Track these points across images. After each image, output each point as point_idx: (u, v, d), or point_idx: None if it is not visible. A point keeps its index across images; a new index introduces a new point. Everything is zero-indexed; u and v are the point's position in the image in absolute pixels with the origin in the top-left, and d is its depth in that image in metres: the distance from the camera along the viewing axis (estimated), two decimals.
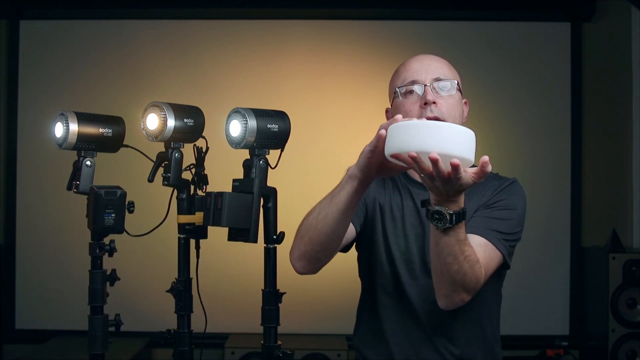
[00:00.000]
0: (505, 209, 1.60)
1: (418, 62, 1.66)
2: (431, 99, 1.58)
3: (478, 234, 1.53)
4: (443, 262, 1.40)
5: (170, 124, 1.50)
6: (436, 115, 1.57)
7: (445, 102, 1.60)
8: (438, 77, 1.62)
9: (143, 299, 3.50)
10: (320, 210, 1.51)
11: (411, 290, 1.64)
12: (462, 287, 1.43)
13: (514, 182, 1.68)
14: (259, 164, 1.45)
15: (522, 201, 1.64)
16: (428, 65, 1.64)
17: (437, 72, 1.63)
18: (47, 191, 3.66)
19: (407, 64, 1.67)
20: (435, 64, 1.65)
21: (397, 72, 1.69)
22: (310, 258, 1.55)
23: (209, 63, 3.72)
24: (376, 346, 1.71)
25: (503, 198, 1.62)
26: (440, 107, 1.59)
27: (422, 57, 1.68)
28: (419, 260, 1.64)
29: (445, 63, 1.67)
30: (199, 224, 1.55)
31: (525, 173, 3.51)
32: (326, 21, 3.75)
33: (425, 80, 1.61)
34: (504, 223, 1.57)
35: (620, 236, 3.41)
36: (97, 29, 3.75)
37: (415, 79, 1.62)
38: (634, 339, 3.26)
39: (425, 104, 1.58)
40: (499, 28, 3.77)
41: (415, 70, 1.64)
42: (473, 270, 1.42)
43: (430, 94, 1.59)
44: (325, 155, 3.66)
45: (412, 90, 1.62)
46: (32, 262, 3.68)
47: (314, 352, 3.35)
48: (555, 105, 3.73)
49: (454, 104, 1.62)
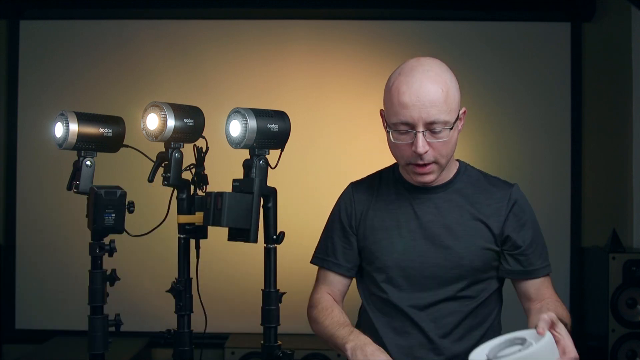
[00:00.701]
0: (534, 232, 1.67)
1: (412, 98, 1.51)
2: (422, 151, 1.53)
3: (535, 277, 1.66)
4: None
5: (170, 124, 1.50)
6: (426, 163, 1.56)
7: (439, 144, 1.54)
8: (432, 122, 1.51)
9: (143, 299, 3.50)
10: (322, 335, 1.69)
11: (409, 297, 1.64)
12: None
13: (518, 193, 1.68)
14: (259, 164, 1.45)
15: (532, 210, 1.69)
16: (422, 105, 1.50)
17: (432, 114, 1.50)
18: (47, 191, 3.65)
19: (401, 95, 1.52)
20: (430, 102, 1.50)
21: (389, 96, 1.57)
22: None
23: (209, 63, 3.72)
24: None
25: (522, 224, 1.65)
26: (431, 151, 1.55)
27: (416, 90, 1.51)
28: (418, 268, 1.63)
29: (441, 92, 1.51)
30: (199, 224, 1.55)
31: (525, 173, 3.52)
32: (326, 21, 3.75)
33: (417, 126, 1.51)
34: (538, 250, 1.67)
35: (620, 236, 3.40)
36: (97, 29, 3.74)
37: (408, 121, 1.52)
38: (634, 339, 3.25)
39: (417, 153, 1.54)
40: (499, 28, 3.76)
41: (409, 110, 1.51)
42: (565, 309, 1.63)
43: (422, 146, 1.52)
44: (325, 155, 3.66)
45: (405, 132, 1.54)
46: (32, 262, 3.68)
47: (314, 352, 3.35)
48: (555, 105, 3.73)
49: (447, 143, 1.56)
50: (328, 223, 1.77)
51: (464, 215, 1.63)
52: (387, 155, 1.75)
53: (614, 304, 3.26)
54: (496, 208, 1.64)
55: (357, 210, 1.71)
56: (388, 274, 1.65)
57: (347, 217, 1.72)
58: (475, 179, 1.70)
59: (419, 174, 1.59)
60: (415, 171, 1.59)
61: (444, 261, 1.62)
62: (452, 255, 1.61)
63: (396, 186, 1.70)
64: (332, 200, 1.78)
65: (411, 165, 1.58)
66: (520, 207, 1.65)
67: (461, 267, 1.62)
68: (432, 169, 1.58)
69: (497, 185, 1.68)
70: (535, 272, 1.66)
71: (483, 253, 1.63)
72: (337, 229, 1.73)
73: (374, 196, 1.71)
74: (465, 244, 1.61)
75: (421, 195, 1.66)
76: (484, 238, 1.63)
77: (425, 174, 1.59)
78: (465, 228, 1.62)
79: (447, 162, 1.61)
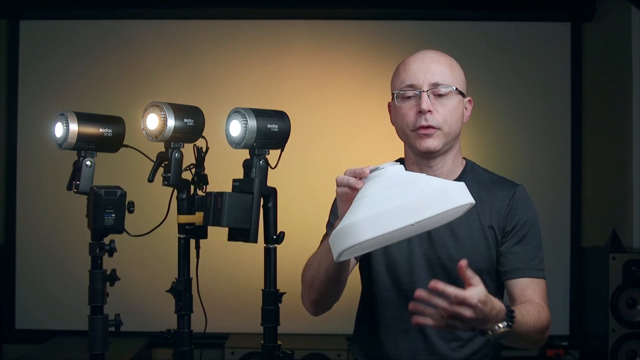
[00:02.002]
0: (529, 231, 1.63)
1: (417, 63, 1.61)
2: (426, 108, 1.56)
3: (524, 277, 1.60)
4: (521, 342, 1.51)
5: (170, 124, 1.50)
6: (430, 124, 1.57)
7: (442, 109, 1.58)
8: (436, 82, 1.58)
9: (143, 299, 3.50)
10: (320, 263, 1.54)
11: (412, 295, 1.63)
12: (542, 334, 1.55)
13: (522, 193, 1.67)
14: (259, 164, 1.45)
15: (535, 213, 1.67)
16: (428, 67, 1.59)
17: (436, 76, 1.58)
18: (47, 191, 3.65)
19: (407, 64, 1.63)
20: (435, 66, 1.60)
21: (397, 71, 1.66)
22: (324, 303, 1.64)
23: (209, 63, 3.72)
24: (372, 352, 1.70)
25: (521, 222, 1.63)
26: (436, 115, 1.57)
27: (422, 57, 1.62)
28: (424, 264, 1.63)
29: (446, 63, 1.62)
30: (199, 224, 1.55)
31: (525, 173, 3.52)
32: (326, 21, 3.75)
33: (422, 86, 1.58)
34: (533, 250, 1.63)
35: (620, 236, 3.40)
36: (97, 29, 3.74)
37: (413, 82, 1.58)
38: (634, 339, 3.25)
39: (420, 112, 1.57)
40: (499, 28, 3.76)
41: (414, 73, 1.59)
42: (541, 320, 1.52)
43: (425, 103, 1.56)
44: (325, 155, 3.66)
45: (409, 96, 1.59)
46: (32, 262, 3.68)
47: (314, 352, 3.35)
48: (555, 106, 3.73)
49: (451, 110, 1.59)
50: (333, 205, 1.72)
51: (469, 215, 1.62)
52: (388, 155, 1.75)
53: (614, 304, 3.25)
54: (498, 207, 1.63)
55: None
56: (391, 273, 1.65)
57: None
58: (481, 177, 1.69)
59: (422, 138, 1.58)
60: (420, 134, 1.59)
61: (445, 261, 1.62)
62: (452, 256, 1.61)
63: None
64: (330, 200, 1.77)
65: (415, 131, 1.59)
66: (521, 207, 1.64)
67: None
68: (435, 133, 1.58)
69: (502, 185, 1.68)
70: (522, 272, 1.60)
71: (484, 255, 1.62)
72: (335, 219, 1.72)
73: None
74: (466, 245, 1.61)
75: None
76: (486, 239, 1.62)
77: (429, 137, 1.58)
78: (469, 229, 1.62)
79: (452, 136, 1.61)
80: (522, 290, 1.59)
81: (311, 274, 1.58)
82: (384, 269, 1.66)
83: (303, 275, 1.63)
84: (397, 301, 1.65)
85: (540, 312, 1.53)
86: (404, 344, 1.65)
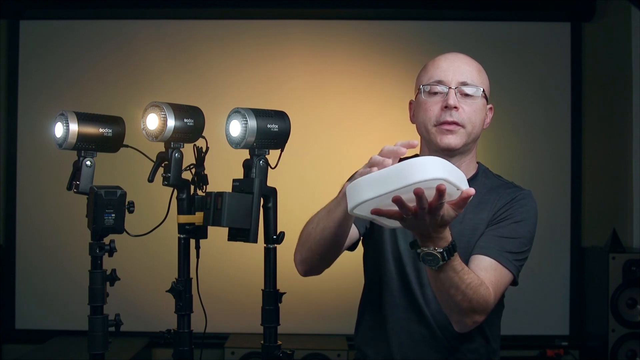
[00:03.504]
0: (516, 226, 1.59)
1: (448, 62, 1.63)
2: (452, 104, 1.58)
3: (489, 256, 1.54)
4: (446, 295, 1.42)
5: (170, 124, 1.50)
6: (455, 120, 1.58)
7: (468, 108, 1.60)
8: (464, 82, 1.60)
9: (143, 299, 3.50)
10: (318, 222, 1.52)
11: (418, 290, 1.64)
12: (472, 311, 1.45)
13: (528, 195, 1.66)
14: (259, 164, 1.45)
15: (533, 218, 1.64)
16: (457, 67, 1.62)
17: (465, 75, 1.61)
18: (47, 191, 3.66)
19: (437, 62, 1.65)
20: (465, 67, 1.63)
21: (425, 68, 1.67)
22: (312, 264, 1.59)
23: (209, 63, 3.72)
24: (377, 344, 1.70)
25: (515, 214, 1.61)
26: (462, 112, 1.59)
27: (453, 57, 1.65)
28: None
29: (475, 66, 1.65)
30: (199, 224, 1.55)
31: (525, 173, 3.52)
32: (326, 21, 3.75)
33: (450, 82, 1.60)
34: (514, 242, 1.58)
35: (620, 236, 3.40)
36: (97, 29, 3.74)
37: (442, 79, 1.61)
38: (634, 339, 3.25)
39: (446, 107, 1.58)
40: (499, 28, 3.77)
41: (443, 70, 1.62)
42: (478, 293, 1.43)
43: (452, 98, 1.58)
44: (325, 155, 3.66)
45: (436, 91, 1.61)
46: (32, 262, 3.68)
47: (314, 352, 3.35)
48: (555, 106, 3.73)
49: (476, 110, 1.61)
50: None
51: (475, 216, 1.63)
52: None
53: (614, 304, 3.26)
54: (500, 205, 1.64)
55: None
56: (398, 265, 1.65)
57: None
58: (491, 182, 1.70)
59: (444, 133, 1.59)
60: (443, 129, 1.59)
61: None
62: None
63: None
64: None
65: (438, 126, 1.60)
66: (519, 205, 1.63)
67: None
68: (459, 130, 1.59)
69: (509, 188, 1.68)
70: (489, 251, 1.54)
71: None
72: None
73: None
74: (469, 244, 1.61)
75: None
76: None
77: (451, 133, 1.59)
78: (472, 229, 1.62)
79: (473, 136, 1.62)
80: (478, 268, 1.51)
81: (308, 230, 1.57)
82: (391, 258, 1.66)
83: (301, 232, 1.61)
84: (402, 291, 1.65)
85: (481, 287, 1.44)
86: (406, 336, 1.65)
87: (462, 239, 1.60)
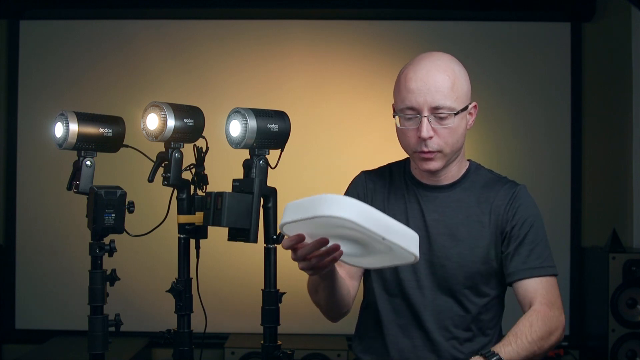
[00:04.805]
0: (531, 230, 1.62)
1: (417, 83, 1.55)
2: (426, 136, 1.55)
3: (531, 277, 1.58)
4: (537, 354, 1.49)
5: (170, 124, 1.50)
6: (430, 150, 1.56)
7: (444, 131, 1.56)
8: (437, 106, 1.54)
9: (143, 299, 3.50)
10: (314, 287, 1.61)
11: (415, 294, 1.63)
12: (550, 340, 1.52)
13: (524, 192, 1.67)
14: (259, 164, 1.45)
15: (539, 213, 1.66)
16: (428, 89, 1.53)
17: (437, 98, 1.53)
18: (47, 191, 3.65)
19: (407, 82, 1.56)
20: (436, 87, 1.54)
21: (397, 84, 1.61)
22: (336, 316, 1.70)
23: (209, 63, 3.72)
24: (374, 350, 1.70)
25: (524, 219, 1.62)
26: (437, 139, 1.56)
27: (423, 76, 1.55)
28: (425, 263, 1.63)
29: (447, 82, 1.55)
30: (199, 224, 1.55)
31: (525, 173, 3.51)
32: (326, 21, 3.75)
33: (422, 109, 1.54)
34: (539, 247, 1.61)
35: (620, 236, 3.40)
36: (97, 29, 3.74)
37: (413, 105, 1.55)
38: (634, 339, 3.25)
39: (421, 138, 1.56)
40: (499, 28, 3.76)
41: (414, 94, 1.54)
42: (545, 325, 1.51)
43: (425, 130, 1.54)
44: (325, 155, 3.66)
45: (410, 117, 1.57)
46: (32, 262, 3.68)
47: (314, 352, 3.35)
48: (555, 105, 3.72)
49: (453, 131, 1.57)
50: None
51: (469, 216, 1.63)
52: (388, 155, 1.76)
53: (614, 304, 3.25)
54: (497, 205, 1.63)
55: (369, 196, 1.71)
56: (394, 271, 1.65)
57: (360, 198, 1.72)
58: (483, 178, 1.70)
59: (423, 160, 1.59)
60: (420, 157, 1.59)
61: (443, 261, 1.62)
62: (450, 256, 1.61)
63: (406, 181, 1.70)
64: None
65: (417, 153, 1.59)
66: (521, 206, 1.63)
67: (461, 270, 1.61)
68: (436, 157, 1.59)
69: (503, 184, 1.68)
70: (525, 272, 1.59)
71: (482, 256, 1.61)
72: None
73: (386, 187, 1.71)
74: (465, 245, 1.61)
75: (428, 194, 1.66)
76: (484, 239, 1.62)
77: (430, 160, 1.58)
78: (469, 230, 1.62)
79: (454, 153, 1.61)
80: (526, 292, 1.58)
81: (315, 300, 1.65)
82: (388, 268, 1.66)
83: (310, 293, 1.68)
84: (399, 298, 1.65)
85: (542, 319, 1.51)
86: (405, 341, 1.65)
87: (471, 234, 1.61)
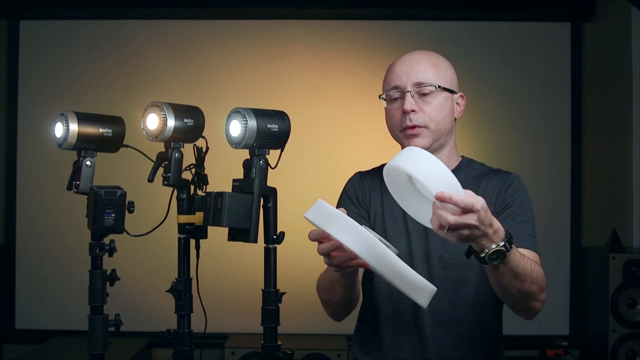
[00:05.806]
0: (524, 210, 1.62)
1: (401, 65, 1.65)
2: (409, 108, 1.60)
3: (522, 247, 1.54)
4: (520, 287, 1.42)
5: (170, 124, 1.49)
6: (415, 124, 1.60)
7: (427, 107, 1.62)
8: (419, 82, 1.62)
9: (143, 299, 3.50)
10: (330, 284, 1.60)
11: None
12: (540, 290, 1.48)
13: (517, 178, 1.69)
14: (259, 164, 1.45)
15: (530, 198, 1.67)
16: (411, 68, 1.63)
17: (419, 75, 1.62)
18: (47, 191, 3.65)
19: (392, 66, 1.68)
20: (419, 66, 1.64)
21: (385, 75, 1.71)
22: (344, 314, 1.72)
23: (209, 63, 3.72)
24: (372, 350, 1.70)
25: (515, 199, 1.63)
26: (421, 114, 1.61)
27: (406, 58, 1.67)
28: (422, 258, 1.64)
29: (429, 62, 1.65)
30: (199, 224, 1.55)
31: (525, 173, 3.47)
32: (326, 21, 3.75)
33: (405, 86, 1.62)
34: (529, 224, 1.61)
35: (620, 236, 3.40)
36: (97, 29, 3.74)
37: (397, 84, 1.64)
38: (634, 339, 3.25)
39: (404, 112, 1.61)
40: (499, 28, 3.77)
41: (398, 75, 1.64)
42: (537, 269, 1.45)
43: (408, 103, 1.60)
44: (325, 155, 3.66)
45: (395, 97, 1.64)
46: (32, 262, 3.68)
47: (314, 352, 3.35)
48: (555, 106, 3.73)
49: (437, 107, 1.62)
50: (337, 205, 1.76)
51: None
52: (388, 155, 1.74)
53: (614, 304, 3.26)
54: (490, 192, 1.65)
55: (366, 195, 1.73)
56: None
57: (356, 198, 1.74)
58: (476, 171, 1.72)
59: (409, 137, 1.62)
60: (406, 135, 1.63)
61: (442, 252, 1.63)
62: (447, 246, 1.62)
63: None
64: (333, 201, 1.77)
65: (403, 132, 1.63)
66: (512, 190, 1.65)
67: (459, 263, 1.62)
68: (422, 132, 1.62)
69: (495, 174, 1.70)
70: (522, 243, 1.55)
71: None
72: (347, 204, 1.73)
73: (382, 186, 1.71)
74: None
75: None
76: None
77: (415, 136, 1.61)
78: None
79: (440, 133, 1.63)
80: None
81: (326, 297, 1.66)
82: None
83: (319, 294, 1.70)
84: (397, 296, 1.64)
85: (536, 265, 1.46)
86: (403, 338, 1.65)
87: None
